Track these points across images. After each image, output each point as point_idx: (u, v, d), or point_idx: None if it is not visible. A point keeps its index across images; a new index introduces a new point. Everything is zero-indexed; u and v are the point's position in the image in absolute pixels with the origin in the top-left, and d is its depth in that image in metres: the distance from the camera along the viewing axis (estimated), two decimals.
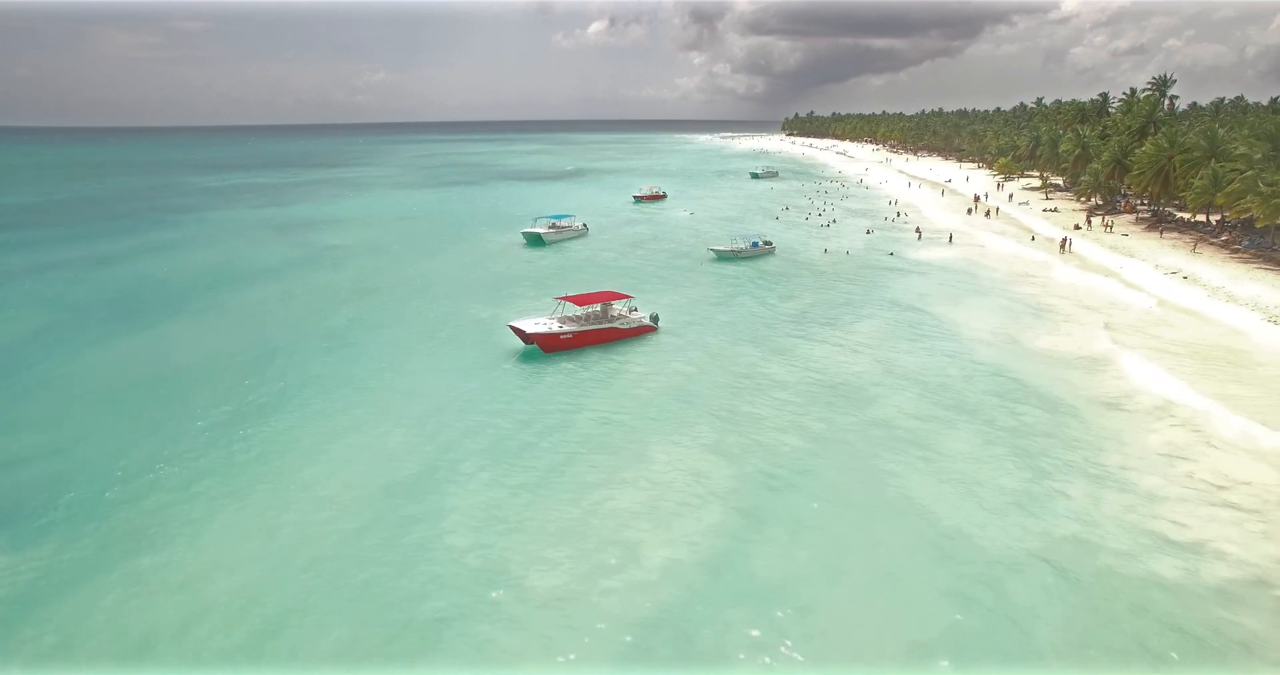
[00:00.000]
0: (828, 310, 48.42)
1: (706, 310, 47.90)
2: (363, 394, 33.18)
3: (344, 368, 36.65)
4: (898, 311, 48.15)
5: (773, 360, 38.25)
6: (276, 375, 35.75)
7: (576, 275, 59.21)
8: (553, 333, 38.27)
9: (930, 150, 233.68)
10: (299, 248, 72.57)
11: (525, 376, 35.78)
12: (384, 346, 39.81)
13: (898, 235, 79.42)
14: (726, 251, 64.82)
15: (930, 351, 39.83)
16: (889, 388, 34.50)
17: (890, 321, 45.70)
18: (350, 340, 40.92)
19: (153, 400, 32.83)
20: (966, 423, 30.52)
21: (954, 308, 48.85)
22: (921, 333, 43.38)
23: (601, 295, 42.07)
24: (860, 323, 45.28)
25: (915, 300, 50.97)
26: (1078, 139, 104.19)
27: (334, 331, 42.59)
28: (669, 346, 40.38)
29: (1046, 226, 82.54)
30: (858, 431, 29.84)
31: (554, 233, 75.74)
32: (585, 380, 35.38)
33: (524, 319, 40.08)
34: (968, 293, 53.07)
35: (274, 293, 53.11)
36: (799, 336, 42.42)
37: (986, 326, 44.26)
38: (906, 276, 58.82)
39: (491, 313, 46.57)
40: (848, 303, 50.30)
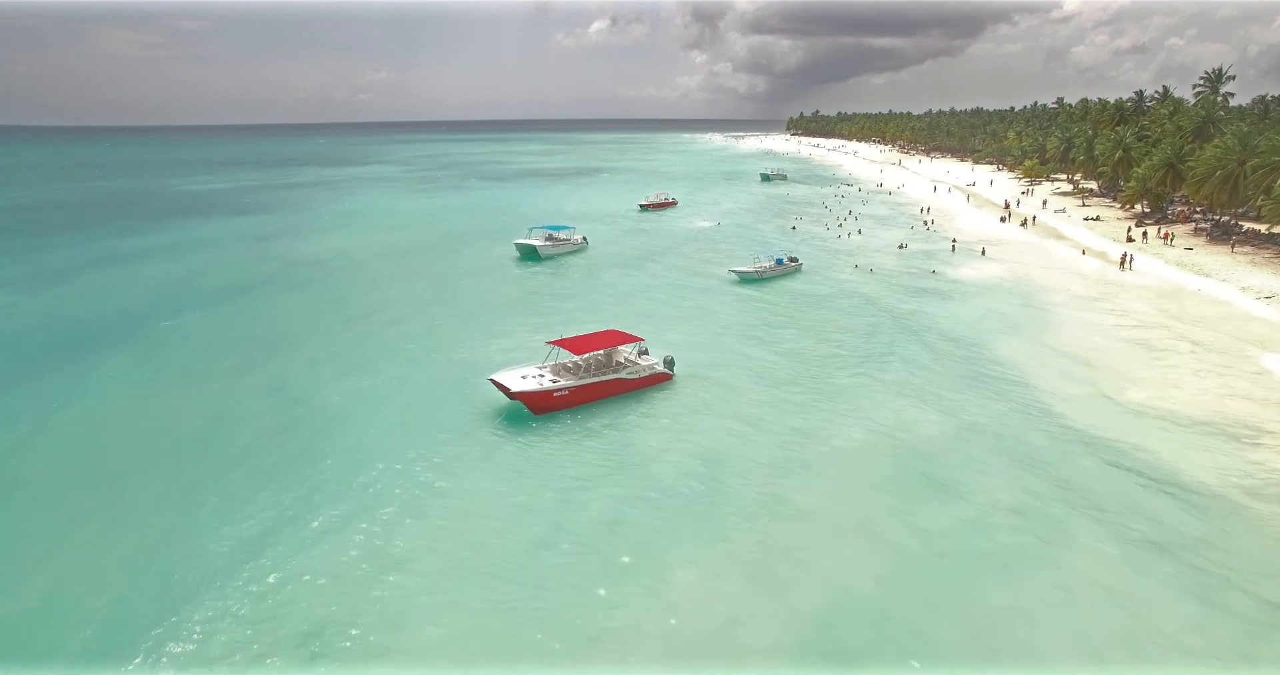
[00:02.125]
0: (872, 346, 40.88)
1: (731, 349, 40.31)
2: (290, 486, 25.64)
3: (278, 441, 29.13)
4: (954, 347, 40.61)
5: (819, 420, 30.74)
6: (190, 451, 28.32)
7: (574, 301, 51.71)
8: (544, 390, 30.75)
9: (943, 151, 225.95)
10: (268, 263, 65.09)
11: (506, 451, 28.24)
12: (337, 406, 32.27)
13: (932, 248, 71.82)
14: (750, 272, 57.19)
15: (1006, 405, 32.32)
16: (969, 464, 26.99)
17: (948, 362, 38.15)
18: (299, 396, 33.35)
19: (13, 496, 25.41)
20: (1088, 526, 23.01)
21: (1018, 342, 41.33)
22: (988, 377, 35.86)
23: (604, 337, 34.44)
24: (913, 364, 37.72)
25: (971, 332, 43.43)
26: (1117, 141, 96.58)
27: (282, 382, 35.04)
28: (689, 402, 32.84)
29: (1093, 238, 74.92)
30: (949, 541, 22.34)
31: (550, 246, 68.27)
32: (582, 455, 27.85)
33: (510, 370, 32.55)
34: (1029, 322, 45.51)
35: (224, 323, 45.61)
36: (845, 385, 34.88)
37: (1062, 368, 36.76)
38: (954, 301, 51.25)
39: (473, 352, 39.05)
40: (893, 336, 42.75)
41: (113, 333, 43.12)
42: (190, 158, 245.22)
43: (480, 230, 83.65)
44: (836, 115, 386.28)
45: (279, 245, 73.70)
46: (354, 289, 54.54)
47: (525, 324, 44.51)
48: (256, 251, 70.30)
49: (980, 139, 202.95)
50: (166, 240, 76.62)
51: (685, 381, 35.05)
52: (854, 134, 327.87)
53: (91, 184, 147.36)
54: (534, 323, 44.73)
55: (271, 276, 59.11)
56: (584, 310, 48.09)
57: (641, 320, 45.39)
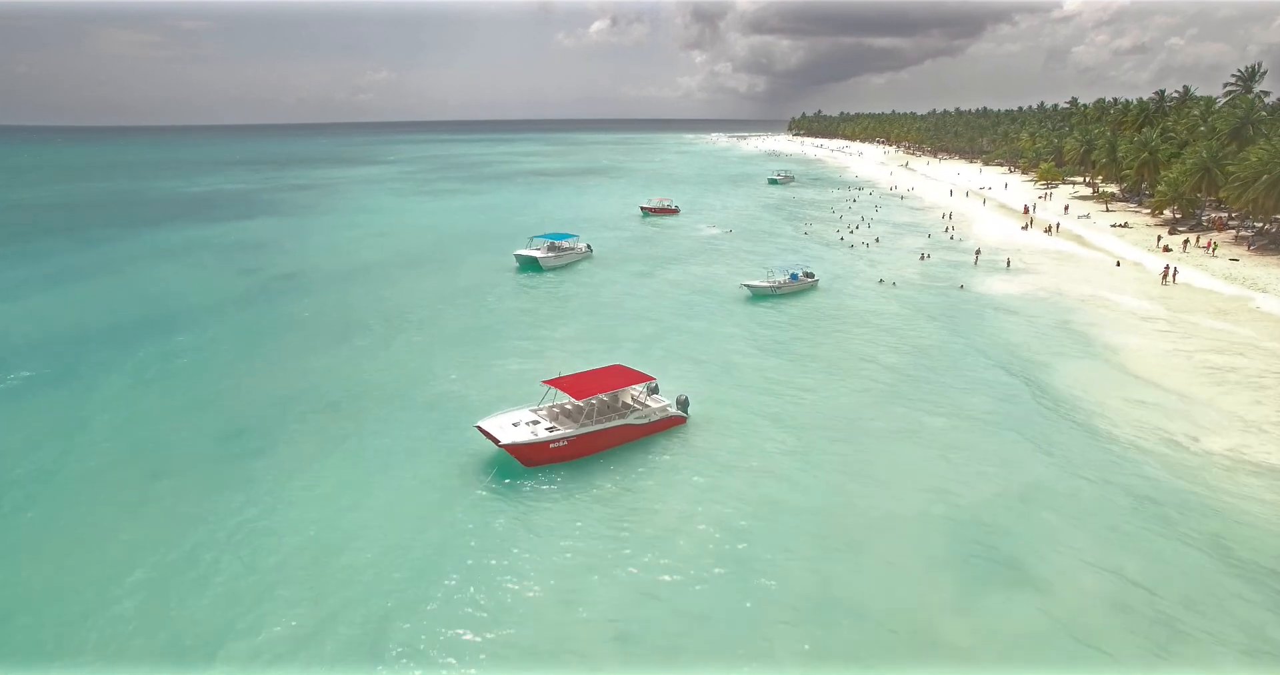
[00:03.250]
0: (907, 379, 36.52)
1: (750, 382, 35.95)
2: (230, 557, 21.35)
3: (229, 499, 24.83)
4: (999, 379, 36.28)
5: (858, 476, 26.43)
6: (120, 521, 24.03)
7: (574, 323, 47.41)
8: (539, 441, 26.43)
9: (950, 152, 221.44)
10: (246, 276, 60.78)
11: (492, 523, 23.89)
12: (300, 456, 27.93)
13: (956, 259, 67.48)
14: (763, 288, 52.83)
15: (1070, 456, 28.02)
16: (1041, 539, 22.68)
17: (996, 399, 33.81)
18: (252, 447, 28.96)
19: None
20: (1203, 628, 18.65)
21: (1069, 372, 37.01)
22: (1043, 418, 31.55)
23: (609, 375, 30.05)
24: (956, 403, 33.38)
25: (1014, 359, 39.11)
26: (1143, 143, 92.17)
27: (236, 428, 30.66)
28: (707, 452, 28.49)
29: (1124, 246, 70.59)
30: (1028, 648, 17.99)
31: (553, 257, 63.95)
32: (584, 526, 23.50)
33: (500, 415, 28.24)
34: (1076, 347, 41.17)
35: (180, 350, 41.25)
36: (883, 430, 30.54)
37: (1125, 406, 32.48)
38: (989, 321, 46.91)
39: (461, 388, 34.74)
40: (931, 365, 38.40)
41: (57, 360, 38.79)
42: (184, 158, 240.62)
43: (476, 238, 79.38)
44: (839, 115, 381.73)
45: (257, 256, 69.36)
46: (330, 309, 50.10)
47: (521, 352, 40.16)
48: (232, 263, 65.91)
49: (989, 140, 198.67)
50: (144, 250, 72.31)
51: (701, 425, 30.72)
52: (857, 134, 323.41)
53: (79, 186, 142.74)
54: (531, 350, 40.41)
55: (242, 294, 54.73)
56: (585, 334, 43.82)
57: (649, 346, 41.14)
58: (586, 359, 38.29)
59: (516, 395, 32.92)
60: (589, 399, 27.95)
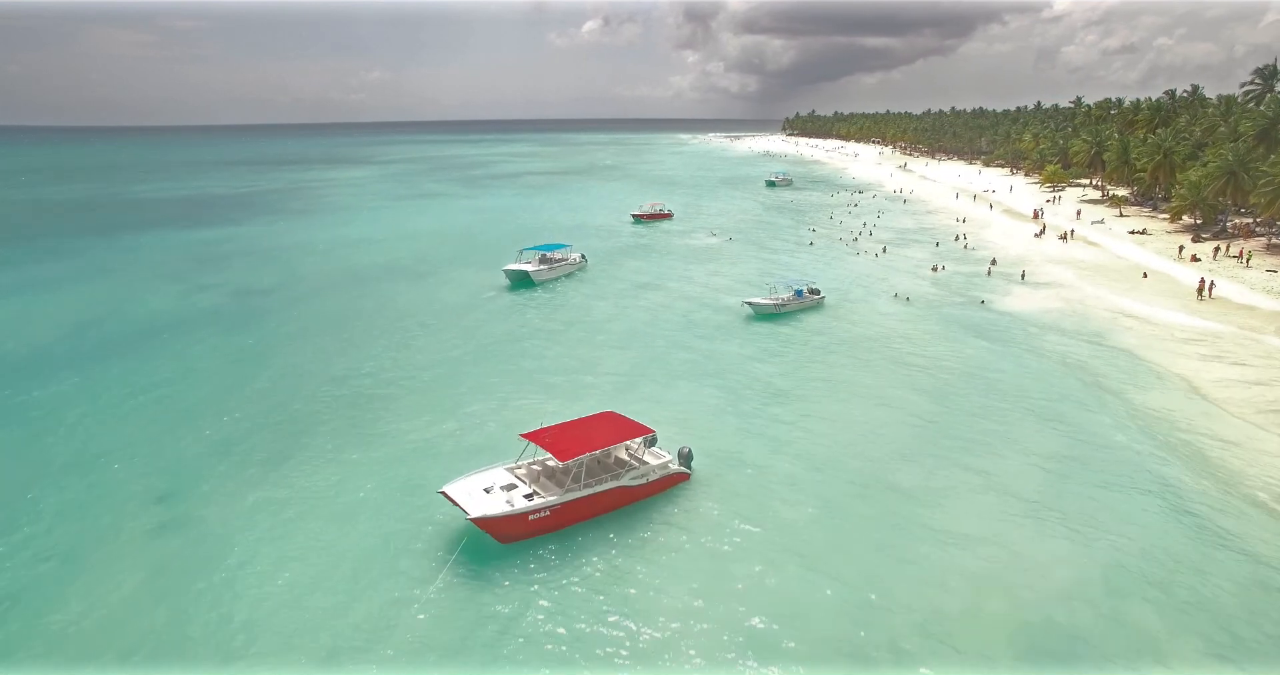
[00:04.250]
0: (936, 419, 32.23)
1: (759, 425, 31.56)
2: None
3: (132, 593, 20.37)
4: (1041, 419, 32.03)
5: (894, 553, 22.12)
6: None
7: (564, 351, 42.97)
8: (515, 513, 22.03)
9: (947, 152, 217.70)
10: (207, 292, 56.12)
11: (453, 626, 19.50)
12: (224, 533, 23.36)
13: (969, 270, 63.31)
14: (767, 306, 48.50)
15: (1148, 523, 23.83)
16: (1137, 648, 18.41)
17: (1043, 444, 29.58)
18: (175, 515, 24.44)
19: None
20: None
21: (1120, 410, 32.89)
22: (1104, 470, 27.35)
23: (598, 428, 25.43)
24: (997, 451, 29.12)
25: (1054, 392, 34.91)
26: (1158, 145, 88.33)
27: (159, 489, 26.11)
28: (715, 521, 24.10)
29: (1146, 255, 66.63)
30: None
31: (545, 270, 59.26)
32: (571, 628, 19.08)
33: (470, 477, 23.83)
34: (1120, 377, 36.99)
35: (110, 384, 36.62)
36: (916, 488, 26.22)
37: (1194, 456, 28.35)
38: (1018, 344, 42.70)
39: (428, 435, 30.24)
40: (963, 401, 34.11)
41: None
42: (172, 159, 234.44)
43: (461, 248, 74.84)
44: (833, 115, 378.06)
45: (224, 268, 64.70)
46: (288, 334, 45.35)
47: (502, 389, 35.62)
48: (195, 277, 61.15)
49: (988, 140, 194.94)
50: (103, 262, 67.43)
51: (706, 483, 26.33)
52: (852, 134, 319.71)
53: (59, 188, 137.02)
54: (513, 386, 35.91)
55: (197, 314, 50.06)
56: (574, 365, 39.37)
57: (644, 379, 36.72)
58: (574, 397, 33.96)
59: (495, 442, 28.62)
60: (576, 460, 23.48)
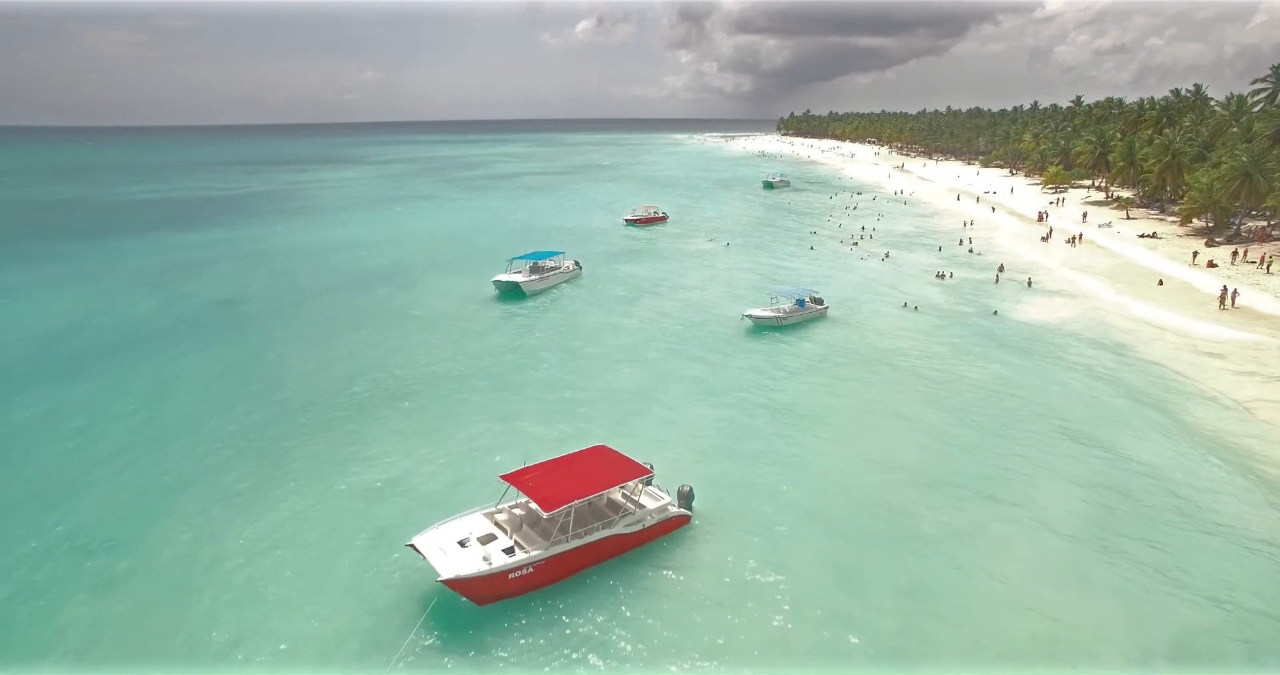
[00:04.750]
0: (959, 448, 29.61)
1: (765, 456, 28.82)
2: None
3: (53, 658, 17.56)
4: (1075, 449, 29.43)
5: (928, 617, 19.43)
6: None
7: (552, 372, 40.15)
8: (494, 572, 19.28)
9: (944, 153, 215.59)
10: (183, 302, 53.15)
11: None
12: (162, 593, 20.53)
13: (977, 277, 60.78)
14: (768, 318, 45.79)
15: (1223, 578, 21.19)
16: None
17: (1083, 476, 26.99)
18: (119, 564, 21.62)
19: None
20: None
21: (1162, 439, 30.31)
22: (1155, 510, 24.80)
23: (589, 466, 22.63)
24: (1032, 483, 26.52)
25: (1086, 413, 32.36)
26: (1165, 145, 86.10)
27: (107, 535, 23.25)
28: (719, 573, 21.36)
29: (1159, 260, 64.25)
30: None
31: (536, 280, 56.17)
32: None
33: (444, 525, 21.07)
34: (1154, 396, 34.47)
35: (93, 403, 33.75)
36: (945, 532, 23.55)
37: (1268, 489, 25.77)
38: (1038, 357, 40.12)
39: (405, 470, 27.40)
40: (983, 426, 31.48)
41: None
42: (159, 160, 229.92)
43: (447, 254, 71.91)
44: (829, 115, 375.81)
45: (194, 278, 61.54)
46: (264, 351, 42.38)
47: (484, 414, 32.76)
48: (162, 287, 57.97)
49: (986, 140, 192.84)
50: (72, 269, 64.31)
51: (709, 526, 23.59)
52: (848, 134, 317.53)
53: (30, 192, 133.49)
54: (494, 413, 33.06)
55: (171, 326, 47.09)
56: (563, 389, 36.55)
57: (637, 402, 33.92)
58: (562, 423, 31.23)
59: (475, 476, 25.92)
60: (563, 509, 20.67)
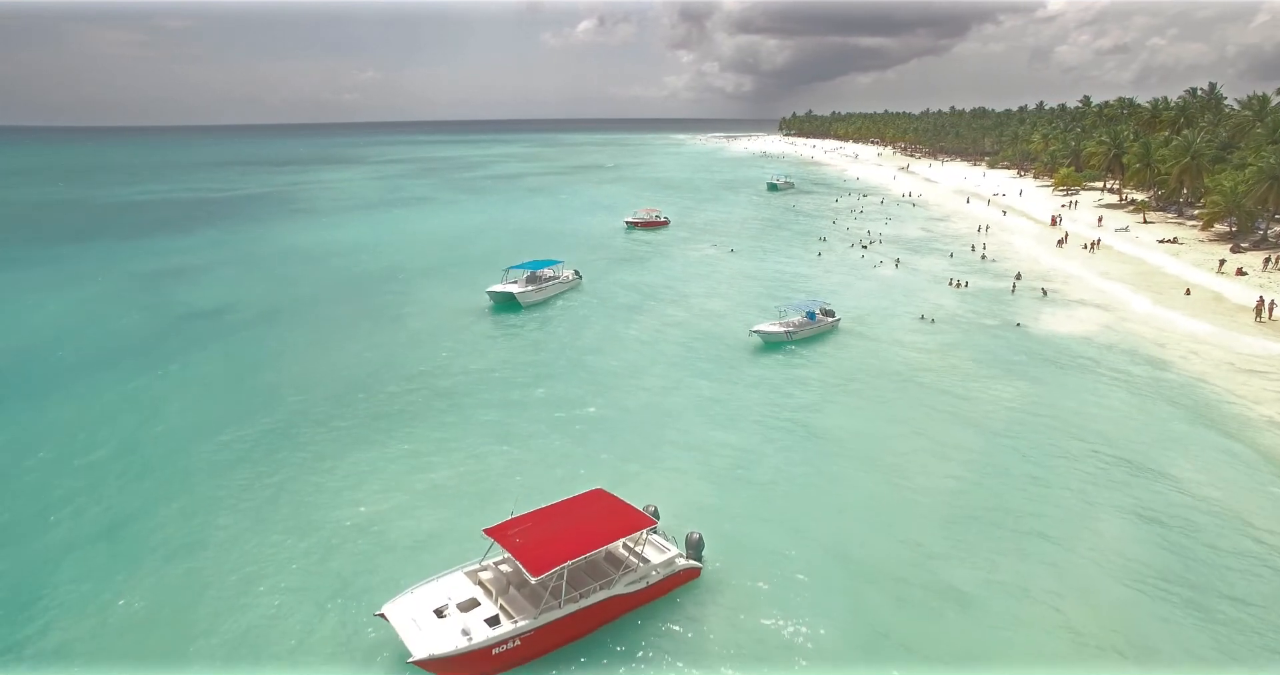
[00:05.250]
0: (994, 483, 26.91)
1: (780, 496, 26.02)
2: None
3: None
4: (1127, 485, 26.75)
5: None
6: None
7: (546, 397, 37.46)
8: (475, 649, 16.61)
9: (949, 153, 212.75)
10: (158, 313, 50.49)
11: None
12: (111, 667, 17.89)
13: (992, 286, 58.02)
14: (777, 334, 43.01)
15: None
16: None
17: (1139, 520, 24.31)
18: (38, 645, 18.97)
19: None
20: None
21: (1223, 461, 27.65)
22: (1233, 559, 22.08)
23: (584, 515, 19.83)
24: (1078, 529, 23.81)
25: (1134, 443, 29.66)
26: (1184, 147, 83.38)
27: (30, 608, 20.59)
28: (734, 637, 18.68)
29: (1183, 267, 61.55)
30: None
31: (533, 291, 53.20)
32: None
33: (419, 589, 18.41)
34: (1195, 421, 31.78)
35: (49, 432, 31.13)
36: (984, 595, 20.84)
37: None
38: (1071, 376, 37.38)
39: (378, 519, 24.67)
40: (1021, 457, 28.76)
41: None
42: (153, 161, 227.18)
43: (441, 261, 69.21)
44: (831, 115, 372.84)
45: (174, 286, 58.88)
46: (236, 369, 39.52)
47: (469, 446, 29.96)
48: (139, 296, 55.28)
49: (992, 141, 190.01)
50: (44, 277, 61.73)
51: (721, 577, 20.88)
52: (850, 135, 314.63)
53: (17, 193, 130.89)
54: (481, 442, 30.29)
55: (138, 342, 44.34)
56: (557, 414, 33.81)
57: (638, 432, 31.16)
58: (555, 456, 28.57)
59: (457, 523, 23.27)
60: (555, 571, 17.94)
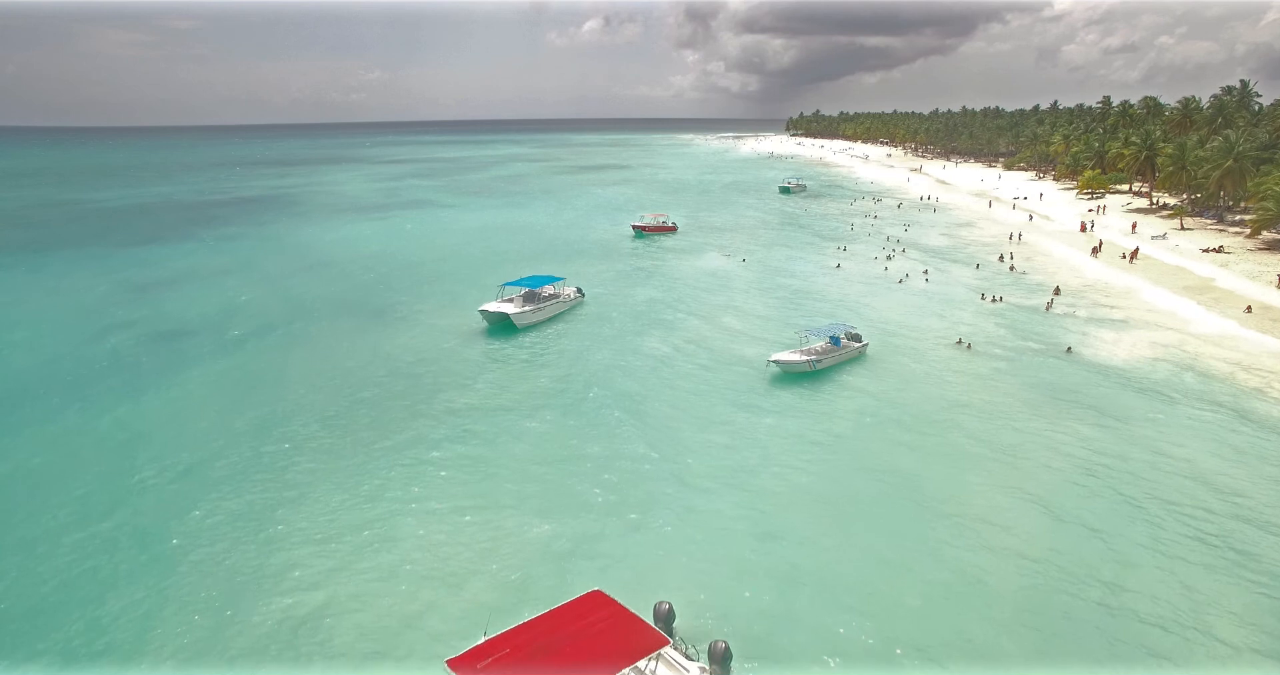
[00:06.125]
0: (1074, 570, 22.07)
1: (817, 575, 21.31)
2: None
3: None
4: (1247, 560, 21.86)
5: None
6: None
7: (536, 450, 32.70)
8: None
9: (962, 154, 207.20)
10: (112, 335, 46.04)
11: None
12: None
13: (1029, 302, 53.00)
14: (799, 364, 38.04)
15: None
16: None
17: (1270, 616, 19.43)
18: None
19: None
20: None
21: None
22: None
23: (582, 636, 15.03)
24: (1193, 646, 18.94)
25: (1244, 509, 24.77)
26: (1227, 149, 78.07)
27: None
28: None
29: (1237, 280, 56.45)
30: None
31: (530, 311, 47.83)
32: None
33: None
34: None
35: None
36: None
37: None
38: (1139, 416, 32.42)
39: (329, 612, 19.99)
40: (1102, 532, 23.91)
41: None
42: (150, 161, 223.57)
43: (436, 274, 64.61)
44: (839, 115, 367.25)
45: (154, 300, 54.73)
46: (185, 407, 34.96)
47: (437, 512, 25.28)
48: (106, 311, 51.01)
49: (1008, 141, 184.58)
50: (15, 286, 57.40)
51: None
52: (859, 135, 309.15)
53: (33, 192, 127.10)
54: (456, 510, 25.62)
55: (96, 366, 39.94)
56: (548, 473, 29.11)
57: (646, 499, 26.40)
58: (543, 532, 23.80)
59: (415, 632, 18.54)
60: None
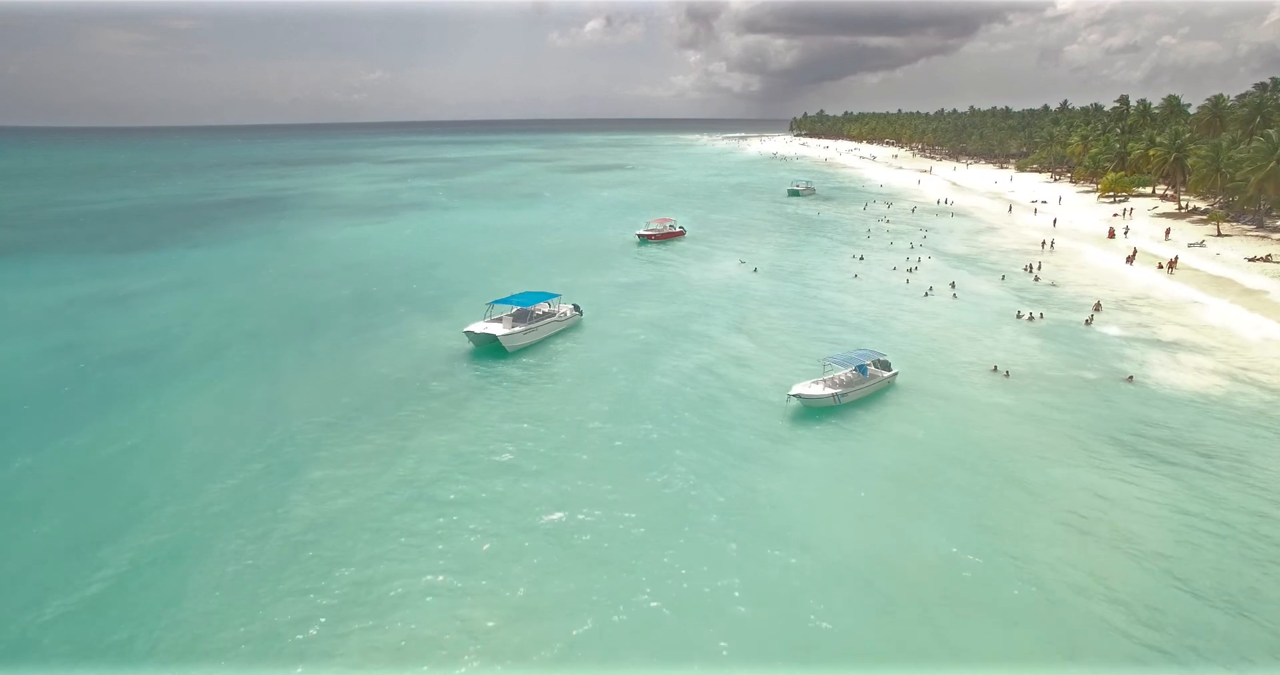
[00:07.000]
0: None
1: None
2: None
3: None
4: None
5: None
6: None
7: (522, 505, 28.29)
8: None
9: (971, 155, 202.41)
10: (70, 354, 41.76)
11: None
12: None
13: (1068, 318, 48.52)
14: (823, 398, 33.26)
15: None
16: None
17: None
18: None
19: None
20: None
21: None
22: None
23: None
24: None
25: None
26: (1269, 149, 73.40)
27: None
28: None
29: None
30: None
31: (520, 332, 42.80)
32: None
33: None
34: None
35: None
36: None
37: None
38: (1222, 456, 27.95)
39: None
40: (1222, 635, 19.42)
41: None
42: (147, 162, 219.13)
43: (423, 284, 60.24)
44: (843, 115, 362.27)
45: (116, 314, 50.43)
46: (133, 442, 30.69)
47: (412, 590, 20.84)
48: (73, 328, 46.73)
49: (1020, 142, 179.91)
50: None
51: None
52: (863, 135, 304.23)
53: (38, 192, 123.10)
54: (430, 581, 21.17)
55: (34, 394, 35.58)
56: (535, 533, 24.63)
57: (639, 570, 21.84)
58: (528, 617, 19.32)
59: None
60: None
